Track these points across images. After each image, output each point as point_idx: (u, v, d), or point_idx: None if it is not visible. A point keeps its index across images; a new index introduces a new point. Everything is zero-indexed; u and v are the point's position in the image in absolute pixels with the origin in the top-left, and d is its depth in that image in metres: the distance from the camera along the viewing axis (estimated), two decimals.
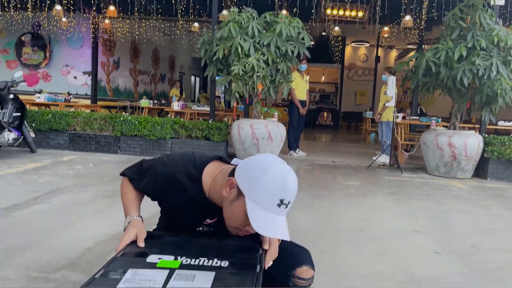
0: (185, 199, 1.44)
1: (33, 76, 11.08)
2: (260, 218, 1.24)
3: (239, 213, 1.29)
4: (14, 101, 6.05)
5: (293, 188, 1.27)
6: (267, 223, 1.23)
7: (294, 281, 1.46)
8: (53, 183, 4.52)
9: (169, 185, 1.44)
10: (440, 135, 6.15)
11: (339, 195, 4.75)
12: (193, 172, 1.43)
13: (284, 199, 1.25)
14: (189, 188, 1.43)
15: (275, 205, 1.24)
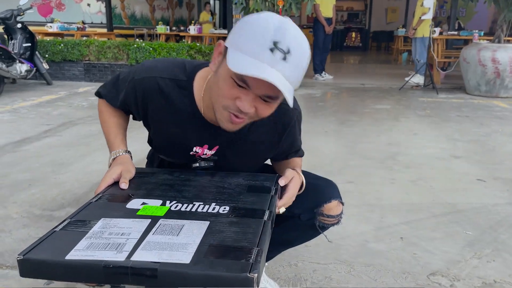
0: (172, 114, 1.11)
1: (46, 6, 10.62)
2: (241, 60, 0.86)
3: (224, 79, 0.92)
4: (22, 31, 5.75)
5: (295, 33, 0.88)
6: (250, 64, 0.85)
7: (322, 219, 1.19)
8: (66, 115, 4.35)
9: (150, 95, 1.10)
10: (483, 49, 5.52)
11: (369, 120, 4.39)
12: (181, 78, 1.09)
13: (279, 42, 0.85)
14: (176, 99, 1.09)
15: (267, 48, 0.85)
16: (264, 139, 1.16)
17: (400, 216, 2.11)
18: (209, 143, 1.14)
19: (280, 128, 1.16)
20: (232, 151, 1.16)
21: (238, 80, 0.89)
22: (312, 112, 4.73)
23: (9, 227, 1.93)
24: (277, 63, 0.85)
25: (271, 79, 0.84)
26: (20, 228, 1.92)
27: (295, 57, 0.87)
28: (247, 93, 0.91)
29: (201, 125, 1.10)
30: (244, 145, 1.15)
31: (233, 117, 0.95)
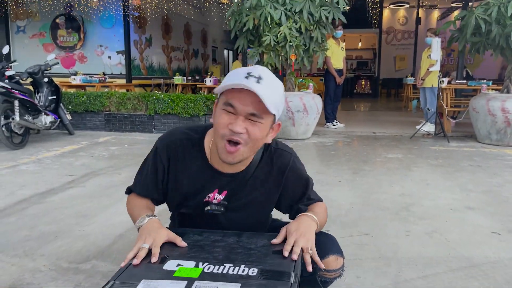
0: (188, 169, 1.30)
1: (69, 58, 11.22)
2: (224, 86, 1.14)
3: (216, 114, 1.17)
4: (49, 85, 6.09)
5: (263, 69, 1.16)
6: (231, 83, 1.12)
7: (322, 274, 1.26)
8: (88, 165, 4.52)
9: (169, 155, 1.30)
10: (492, 99, 5.65)
11: (381, 169, 4.47)
12: (194, 137, 1.31)
13: (251, 72, 1.13)
14: (190, 155, 1.29)
15: (242, 77, 1.11)
16: (266, 183, 1.33)
17: (417, 270, 2.14)
18: (218, 188, 1.31)
19: (277, 170, 1.32)
20: (239, 196, 1.32)
21: (226, 106, 1.13)
22: (325, 161, 4.83)
23: (38, 280, 2.01)
24: (252, 84, 1.09)
25: (249, 86, 1.08)
26: (49, 281, 2.00)
27: (267, 81, 1.12)
28: (236, 117, 1.13)
29: (209, 172, 1.29)
30: (250, 191, 1.32)
31: (228, 146, 1.15)
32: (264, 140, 1.21)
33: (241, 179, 1.29)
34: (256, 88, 1.08)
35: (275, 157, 1.31)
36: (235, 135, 1.13)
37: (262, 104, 1.10)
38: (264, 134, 1.18)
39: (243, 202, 1.33)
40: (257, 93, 1.08)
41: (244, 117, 1.13)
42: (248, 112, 1.12)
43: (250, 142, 1.16)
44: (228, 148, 1.15)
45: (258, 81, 1.10)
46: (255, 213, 1.37)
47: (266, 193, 1.35)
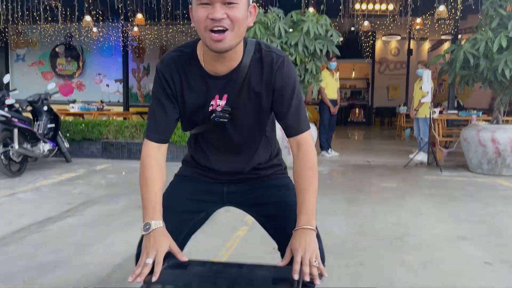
0: (188, 82, 1.36)
1: (67, 86, 11.39)
2: None
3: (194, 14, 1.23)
4: (48, 113, 6.18)
5: None
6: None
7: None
8: (86, 193, 4.56)
9: (170, 72, 1.36)
10: (482, 130, 5.80)
11: (376, 199, 4.54)
12: (187, 51, 1.37)
13: None
14: (188, 69, 1.36)
15: None
16: (260, 83, 1.35)
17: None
18: (218, 93, 1.36)
19: (268, 67, 1.34)
20: (239, 99, 1.36)
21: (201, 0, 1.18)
22: (321, 191, 4.86)
23: None
24: None
25: None
26: None
27: None
28: (212, 7, 1.18)
29: (207, 79, 1.35)
30: (247, 93, 1.36)
31: (214, 35, 1.19)
32: (246, 22, 1.25)
33: (236, 78, 1.33)
34: None
35: (263, 54, 1.35)
36: (217, 22, 1.17)
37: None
38: (244, 15, 1.22)
39: (244, 105, 1.37)
40: None
41: (220, 3, 1.17)
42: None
43: (235, 25, 1.20)
44: (215, 37, 1.19)
45: None
46: (257, 119, 1.42)
47: (261, 97, 1.38)
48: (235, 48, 1.28)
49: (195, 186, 1.58)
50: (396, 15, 9.24)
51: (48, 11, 8.35)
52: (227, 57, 1.30)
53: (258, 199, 1.56)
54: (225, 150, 1.50)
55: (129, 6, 8.33)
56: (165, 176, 1.41)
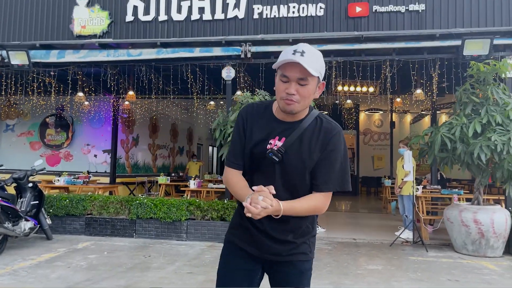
0: (259, 123, 1.77)
1: (55, 156, 11.38)
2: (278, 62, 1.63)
3: (276, 85, 1.68)
4: (32, 190, 6.15)
5: (305, 45, 1.64)
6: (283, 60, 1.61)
7: None
8: (65, 278, 4.42)
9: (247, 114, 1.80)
10: (464, 211, 5.91)
11: (362, 284, 4.48)
12: (265, 102, 1.84)
13: (296, 49, 1.61)
14: (263, 113, 1.78)
15: (290, 54, 1.60)
16: (313, 140, 1.71)
17: None
18: (278, 135, 1.73)
19: (323, 134, 1.71)
20: (293, 146, 1.70)
21: (281, 77, 1.65)
22: None
23: None
24: (297, 57, 1.59)
25: (295, 59, 1.57)
26: None
27: (309, 54, 1.61)
28: (289, 84, 1.63)
29: (273, 121, 1.76)
30: (301, 145, 1.70)
31: (286, 101, 1.64)
32: (312, 96, 1.69)
33: (296, 129, 1.71)
34: (301, 60, 1.57)
35: (324, 123, 1.73)
36: (290, 96, 1.63)
37: (307, 71, 1.58)
38: (311, 92, 1.66)
39: (295, 153, 1.69)
40: (302, 64, 1.57)
41: (295, 82, 1.62)
42: (297, 77, 1.62)
43: (301, 100, 1.64)
44: (287, 102, 1.64)
45: (302, 55, 1.59)
46: (303, 169, 1.71)
47: (312, 151, 1.70)
48: (301, 111, 1.73)
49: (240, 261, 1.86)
50: (377, 95, 9.73)
51: (41, 86, 8.60)
52: (295, 115, 1.72)
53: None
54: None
55: (121, 84, 8.66)
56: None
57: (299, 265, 1.81)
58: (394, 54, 6.89)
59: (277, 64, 1.64)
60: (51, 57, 7.50)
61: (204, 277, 4.59)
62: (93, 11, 9.11)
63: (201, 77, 8.03)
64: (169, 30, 8.69)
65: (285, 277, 1.82)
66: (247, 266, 1.83)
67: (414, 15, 8.02)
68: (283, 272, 1.82)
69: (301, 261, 1.81)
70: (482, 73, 5.83)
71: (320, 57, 1.66)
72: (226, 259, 1.88)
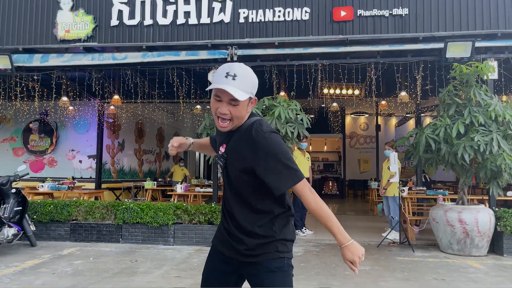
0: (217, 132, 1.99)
1: (39, 162, 11.20)
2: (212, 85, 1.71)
3: (211, 101, 1.78)
4: (16, 195, 6.04)
5: (238, 66, 1.71)
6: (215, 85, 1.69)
7: None
8: (49, 284, 4.34)
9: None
10: (449, 211, 5.99)
11: (350, 285, 4.50)
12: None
13: (229, 71, 1.68)
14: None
15: (223, 77, 1.68)
16: (243, 145, 1.76)
17: None
18: (224, 142, 1.85)
19: (249, 138, 1.73)
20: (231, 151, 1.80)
21: (215, 96, 1.74)
22: (295, 276, 4.81)
23: None
24: (228, 82, 1.68)
25: (225, 87, 1.66)
26: None
27: (240, 77, 1.69)
28: (221, 103, 1.73)
29: (221, 133, 1.89)
30: (235, 148, 1.78)
31: (219, 123, 1.76)
32: (245, 112, 1.77)
33: (233, 136, 1.80)
34: (231, 88, 1.66)
35: (253, 128, 1.74)
36: (222, 115, 1.73)
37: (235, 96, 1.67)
38: (243, 111, 1.75)
39: (233, 157, 1.79)
40: (231, 93, 1.66)
41: (227, 103, 1.71)
42: (229, 99, 1.71)
43: (234, 118, 1.74)
44: (220, 124, 1.76)
45: (234, 78, 1.67)
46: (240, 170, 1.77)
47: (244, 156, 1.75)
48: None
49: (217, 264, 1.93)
50: (362, 98, 9.84)
51: (24, 91, 8.47)
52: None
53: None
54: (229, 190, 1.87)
55: (106, 88, 8.57)
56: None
57: (266, 264, 1.81)
58: (379, 57, 6.99)
59: (210, 87, 1.72)
60: (34, 61, 7.41)
61: (192, 281, 4.56)
62: (77, 15, 9.01)
63: (187, 80, 8.01)
64: (155, 34, 8.64)
65: (257, 278, 1.83)
66: (221, 267, 1.90)
67: (398, 19, 8.12)
68: (254, 275, 1.84)
69: (268, 260, 1.82)
70: (465, 75, 5.94)
71: (252, 76, 1.74)
72: (207, 260, 1.98)
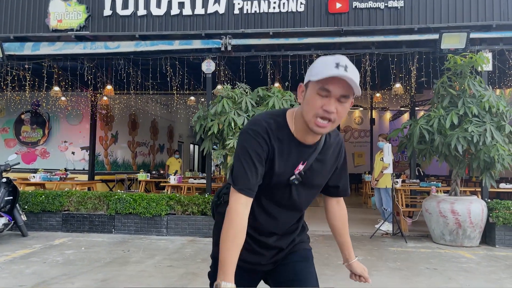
0: (280, 149, 1.50)
1: (31, 154, 11.10)
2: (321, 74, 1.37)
3: (308, 98, 1.41)
4: (6, 185, 5.97)
5: (346, 59, 1.39)
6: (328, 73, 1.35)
7: None
8: (40, 273, 4.30)
9: (268, 136, 1.47)
10: (442, 202, 6.00)
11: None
12: (279, 120, 1.51)
13: (339, 62, 1.36)
14: (281, 136, 1.50)
15: (333, 67, 1.35)
16: (329, 156, 1.61)
17: None
18: (302, 159, 1.54)
19: (336, 147, 1.63)
20: (313, 166, 1.56)
21: (321, 91, 1.38)
22: None
23: None
24: (342, 72, 1.35)
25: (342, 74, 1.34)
26: None
27: (351, 68, 1.37)
28: (329, 99, 1.39)
29: (297, 147, 1.53)
30: (319, 162, 1.58)
31: (319, 122, 1.40)
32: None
33: (317, 149, 1.56)
34: (348, 76, 1.35)
35: (333, 136, 1.61)
36: (328, 113, 1.39)
37: (350, 87, 1.37)
38: (347, 112, 1.46)
39: (315, 172, 1.58)
40: (350, 80, 1.35)
41: (335, 99, 1.39)
42: (341, 94, 1.39)
43: (337, 120, 1.42)
44: (321, 124, 1.41)
45: (346, 69, 1.35)
46: (321, 185, 1.66)
47: (328, 167, 1.63)
48: None
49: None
50: None
51: (16, 81, 8.36)
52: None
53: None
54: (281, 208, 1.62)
55: (99, 78, 8.48)
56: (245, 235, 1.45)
57: (301, 252, 1.75)
58: (374, 48, 6.96)
59: (319, 77, 1.37)
60: (25, 50, 7.30)
61: (184, 270, 4.53)
62: (70, 5, 8.89)
63: (180, 70, 7.94)
64: (148, 24, 8.54)
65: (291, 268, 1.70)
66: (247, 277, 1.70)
67: (393, 11, 8.09)
68: (289, 264, 1.71)
69: (304, 249, 1.77)
70: (459, 66, 5.93)
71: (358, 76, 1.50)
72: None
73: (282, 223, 1.64)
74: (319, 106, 1.39)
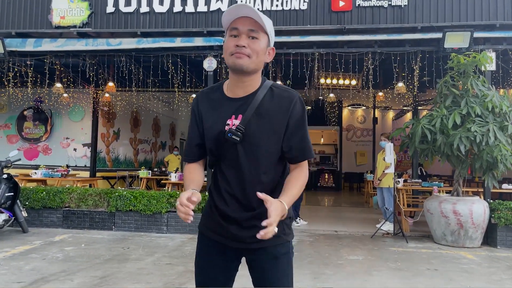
0: (210, 105, 1.65)
1: (33, 150, 11.11)
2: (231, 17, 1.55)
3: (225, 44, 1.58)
4: (7, 181, 5.97)
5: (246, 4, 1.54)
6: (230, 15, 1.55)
7: None
8: (39, 270, 4.29)
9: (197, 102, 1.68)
10: (443, 202, 5.96)
11: (343, 273, 4.47)
12: (215, 85, 1.71)
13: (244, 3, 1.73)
14: (213, 96, 1.66)
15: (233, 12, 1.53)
16: (275, 111, 1.58)
17: None
18: (234, 113, 1.59)
19: (285, 102, 1.59)
20: (252, 121, 1.56)
21: (231, 31, 1.55)
22: None
23: None
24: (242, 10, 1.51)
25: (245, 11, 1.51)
26: None
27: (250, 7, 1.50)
28: (239, 37, 1.53)
29: (225, 101, 1.62)
30: (260, 119, 1.56)
31: (236, 54, 1.52)
32: (263, 57, 1.58)
33: (251, 102, 1.57)
34: (252, 12, 1.50)
35: (280, 91, 1.62)
36: (240, 48, 1.52)
37: (258, 23, 1.52)
38: (262, 49, 1.56)
39: (256, 128, 1.56)
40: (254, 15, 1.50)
41: (245, 35, 1.52)
42: (248, 28, 1.53)
43: (253, 54, 1.52)
44: (236, 55, 1.52)
45: (245, 8, 1.51)
46: (267, 145, 1.58)
47: (275, 123, 1.58)
48: (253, 76, 1.60)
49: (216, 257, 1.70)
50: (359, 88, 9.78)
51: (18, 77, 8.36)
52: (246, 82, 1.60)
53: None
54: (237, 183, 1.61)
55: (101, 75, 8.47)
56: (203, 175, 1.72)
57: (271, 250, 1.63)
58: (376, 46, 6.92)
59: (229, 21, 1.56)
60: (27, 46, 7.30)
61: (184, 268, 4.52)
62: (73, 2, 8.87)
63: (182, 68, 7.91)
64: (151, 21, 8.52)
65: (259, 265, 1.66)
66: (218, 257, 1.69)
67: (397, 10, 8.03)
68: (256, 261, 1.66)
69: (273, 246, 1.63)
70: (462, 65, 5.88)
71: (270, 21, 1.60)
72: (199, 250, 1.75)
73: (240, 188, 1.60)
74: (233, 45, 1.53)
